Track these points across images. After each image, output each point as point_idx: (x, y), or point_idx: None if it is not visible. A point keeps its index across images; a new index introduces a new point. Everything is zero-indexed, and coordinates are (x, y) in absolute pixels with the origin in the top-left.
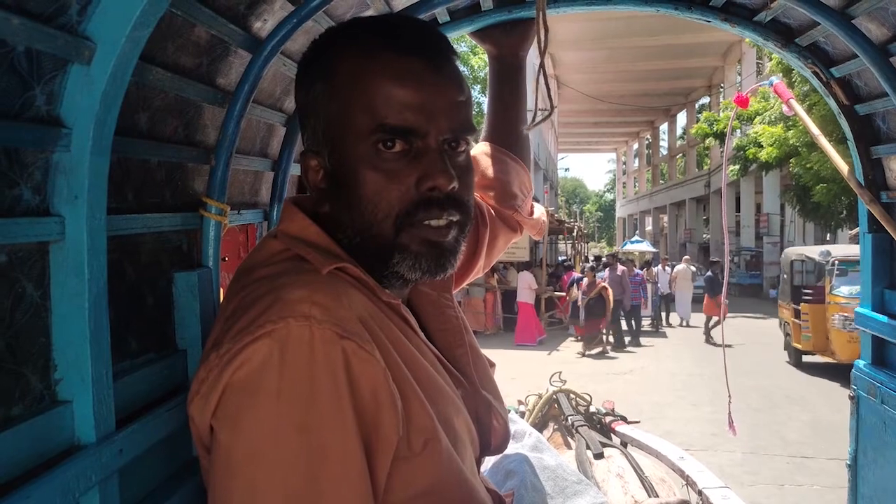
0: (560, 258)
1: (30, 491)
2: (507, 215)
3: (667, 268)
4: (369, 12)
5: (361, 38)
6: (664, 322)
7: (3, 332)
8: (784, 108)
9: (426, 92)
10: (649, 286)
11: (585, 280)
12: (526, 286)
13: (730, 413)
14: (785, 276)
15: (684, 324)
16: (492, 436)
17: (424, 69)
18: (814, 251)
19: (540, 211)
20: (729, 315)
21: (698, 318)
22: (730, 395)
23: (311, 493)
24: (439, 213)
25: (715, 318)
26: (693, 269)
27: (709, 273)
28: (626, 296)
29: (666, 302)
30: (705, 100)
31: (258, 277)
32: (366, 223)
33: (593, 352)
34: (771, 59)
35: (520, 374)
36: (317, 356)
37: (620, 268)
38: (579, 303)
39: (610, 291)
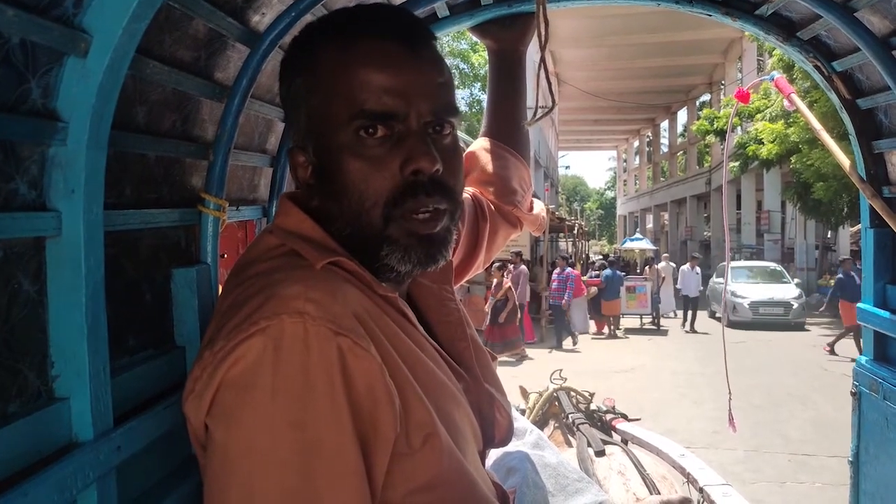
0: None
1: (27, 488)
2: (506, 211)
3: (696, 268)
4: None
5: (336, 27)
6: (690, 326)
7: None
8: (785, 102)
9: (404, 75)
10: (648, 284)
11: (494, 280)
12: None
13: (730, 410)
14: None
15: (672, 315)
16: (495, 429)
17: (400, 52)
18: None
19: (539, 207)
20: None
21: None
22: (730, 392)
23: (307, 489)
24: (426, 199)
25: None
26: (673, 265)
27: (839, 275)
28: (519, 296)
29: (693, 304)
30: (706, 97)
31: (253, 273)
32: (354, 213)
33: (512, 357)
34: (772, 56)
35: (520, 371)
36: (311, 353)
37: (521, 267)
38: (486, 306)
39: (515, 293)
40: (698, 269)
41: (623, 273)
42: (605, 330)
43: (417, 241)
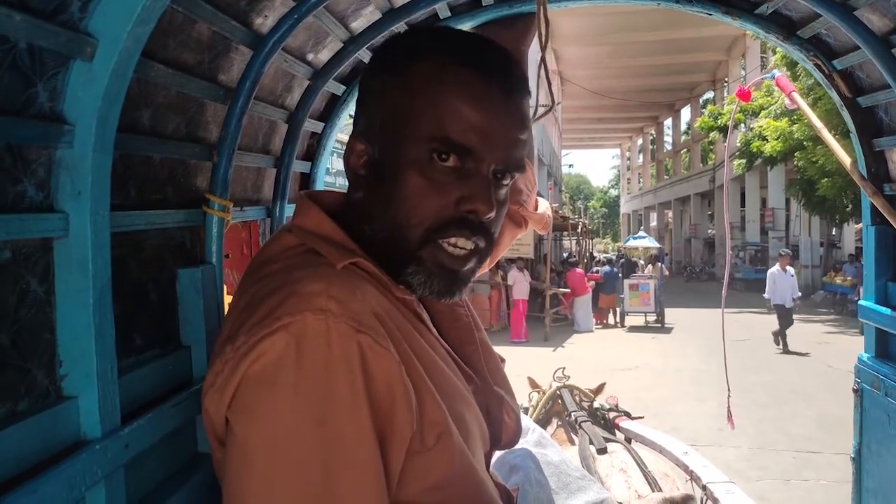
0: (563, 254)
1: (36, 485)
2: (512, 210)
3: (788, 268)
4: (370, 8)
5: (448, 48)
6: (783, 345)
7: (7, 328)
8: (786, 101)
9: (495, 120)
10: (651, 283)
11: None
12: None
13: (728, 407)
14: None
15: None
16: (503, 431)
17: (500, 98)
18: None
19: (544, 206)
20: None
21: (679, 314)
22: (729, 390)
23: (327, 485)
24: (469, 234)
25: None
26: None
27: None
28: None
29: (787, 316)
30: (709, 94)
31: (272, 271)
32: (397, 223)
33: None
34: (775, 53)
35: (525, 370)
36: (333, 350)
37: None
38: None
39: None
40: (792, 270)
41: (618, 272)
42: (605, 320)
43: (442, 273)
